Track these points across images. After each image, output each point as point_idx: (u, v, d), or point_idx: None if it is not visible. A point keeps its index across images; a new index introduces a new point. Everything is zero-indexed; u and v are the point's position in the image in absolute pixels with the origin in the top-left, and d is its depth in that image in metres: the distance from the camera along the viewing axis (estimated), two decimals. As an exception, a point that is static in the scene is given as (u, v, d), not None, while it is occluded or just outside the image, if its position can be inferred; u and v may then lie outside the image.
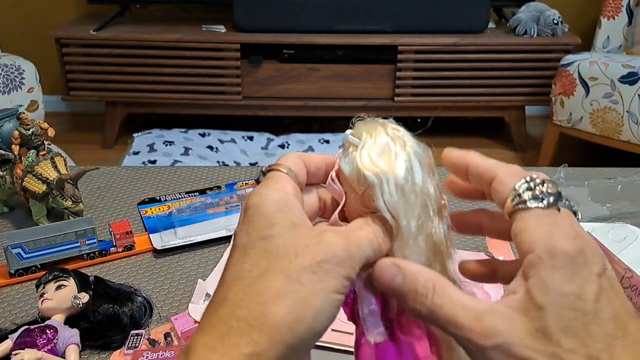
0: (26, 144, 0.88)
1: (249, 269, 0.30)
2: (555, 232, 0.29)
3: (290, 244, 0.30)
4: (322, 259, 0.29)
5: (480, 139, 2.96)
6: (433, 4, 2.67)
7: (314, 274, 0.29)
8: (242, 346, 0.27)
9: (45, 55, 2.93)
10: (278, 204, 0.32)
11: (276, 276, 0.29)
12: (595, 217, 0.90)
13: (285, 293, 0.28)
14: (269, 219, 0.31)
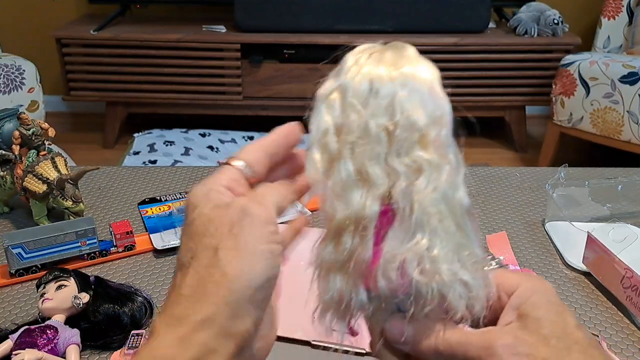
0: (27, 144, 0.88)
1: (183, 255, 0.33)
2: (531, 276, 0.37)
3: (208, 220, 0.33)
4: (237, 219, 0.32)
5: (480, 139, 2.96)
6: (433, 4, 2.67)
7: (235, 236, 0.32)
8: (192, 315, 0.31)
9: (46, 55, 2.93)
10: (203, 193, 0.34)
11: (205, 253, 0.32)
12: (595, 217, 0.90)
13: (214, 263, 0.31)
14: (193, 207, 0.34)
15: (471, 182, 1.13)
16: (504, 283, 0.36)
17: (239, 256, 0.31)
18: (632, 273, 0.70)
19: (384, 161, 0.32)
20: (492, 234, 0.86)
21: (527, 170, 1.11)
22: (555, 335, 0.33)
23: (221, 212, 0.33)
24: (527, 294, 0.35)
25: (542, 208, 0.97)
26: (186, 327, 0.30)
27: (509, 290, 0.36)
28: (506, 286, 0.36)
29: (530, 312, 0.34)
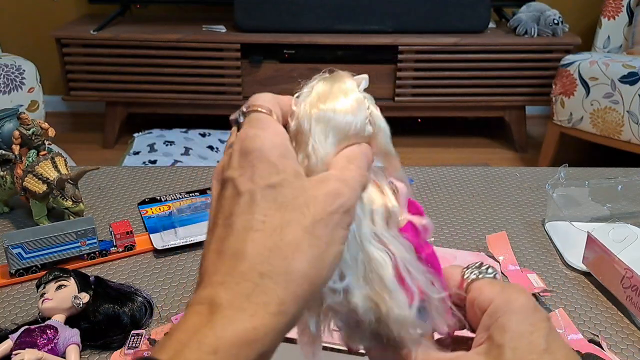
0: (27, 144, 0.88)
1: (262, 219, 0.29)
2: (507, 288, 0.34)
3: (298, 194, 0.29)
4: (332, 209, 0.29)
5: (480, 139, 2.96)
6: (433, 4, 2.67)
7: (327, 226, 0.29)
8: (270, 305, 0.27)
9: (46, 55, 2.93)
10: (280, 149, 0.30)
11: (292, 229, 0.28)
12: (595, 217, 0.90)
13: (304, 247, 0.28)
14: (275, 166, 0.30)
15: (471, 182, 1.14)
16: (478, 298, 0.35)
17: (326, 252, 0.29)
18: (632, 273, 0.70)
19: None
20: (492, 234, 0.86)
21: (527, 170, 1.11)
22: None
23: (312, 187, 0.30)
24: (497, 314, 0.33)
25: (542, 208, 0.97)
26: (261, 317, 0.27)
27: (482, 306, 0.34)
28: (480, 302, 0.34)
29: (495, 336, 0.32)
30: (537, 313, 0.33)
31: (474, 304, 0.35)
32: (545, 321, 0.33)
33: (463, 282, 0.36)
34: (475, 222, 0.93)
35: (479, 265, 0.37)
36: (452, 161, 2.70)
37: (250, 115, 0.32)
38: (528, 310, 0.33)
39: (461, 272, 0.37)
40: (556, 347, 0.32)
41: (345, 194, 0.30)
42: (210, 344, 0.26)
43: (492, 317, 0.33)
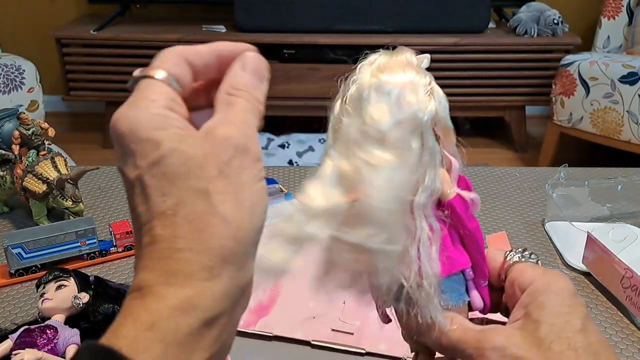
0: (26, 144, 0.88)
1: (161, 200, 0.27)
2: (549, 273, 0.36)
3: (186, 158, 0.27)
4: (226, 158, 0.28)
5: (480, 139, 2.96)
6: (433, 4, 2.67)
7: (227, 177, 0.27)
8: (197, 273, 0.26)
9: (46, 55, 2.93)
10: (153, 122, 0.28)
11: (193, 199, 0.27)
12: (595, 217, 0.90)
13: (211, 210, 0.27)
14: (152, 141, 0.27)
15: (471, 182, 1.13)
16: (519, 279, 0.36)
17: (237, 201, 0.27)
18: (632, 273, 0.70)
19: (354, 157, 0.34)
20: (492, 234, 0.86)
21: (527, 170, 1.11)
22: (550, 338, 0.32)
23: (201, 147, 0.28)
24: (536, 294, 0.34)
25: (542, 208, 0.97)
26: (192, 286, 0.26)
27: (522, 286, 0.35)
28: (520, 282, 0.36)
29: (533, 313, 0.33)
30: (575, 297, 0.34)
31: (514, 283, 0.36)
32: (583, 306, 0.34)
33: (505, 264, 0.38)
34: (475, 222, 0.92)
35: (522, 250, 0.39)
36: (452, 161, 2.69)
37: (138, 84, 0.30)
38: (567, 293, 0.34)
39: (504, 254, 0.38)
40: (591, 329, 0.33)
41: (235, 134, 0.28)
42: (146, 320, 0.25)
43: (531, 296, 0.34)
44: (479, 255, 0.37)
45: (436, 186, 0.35)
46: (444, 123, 0.36)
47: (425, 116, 0.34)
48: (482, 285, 0.38)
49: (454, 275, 0.37)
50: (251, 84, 0.31)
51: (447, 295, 0.36)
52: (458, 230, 0.37)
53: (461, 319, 0.36)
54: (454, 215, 0.36)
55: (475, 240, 0.37)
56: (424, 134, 0.35)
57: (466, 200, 0.36)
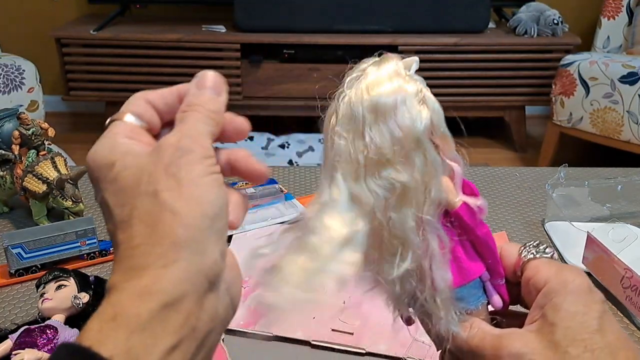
0: (26, 144, 0.88)
1: (119, 212, 0.29)
2: (564, 270, 0.35)
3: (137, 169, 0.30)
4: (171, 159, 0.29)
5: (480, 139, 2.96)
6: (433, 4, 2.67)
7: (173, 176, 0.29)
8: (154, 263, 0.27)
9: (46, 55, 2.93)
10: (110, 147, 0.31)
11: (144, 201, 0.29)
12: (595, 217, 0.90)
13: (161, 206, 0.28)
14: (108, 163, 0.30)
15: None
16: (534, 277, 0.36)
17: (184, 193, 0.29)
18: (632, 273, 0.70)
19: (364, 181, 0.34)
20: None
21: (527, 170, 1.11)
22: (566, 342, 0.32)
23: (149, 157, 0.30)
24: (551, 294, 0.34)
25: (541, 208, 0.97)
26: (149, 276, 0.27)
27: (537, 286, 0.35)
28: (535, 281, 0.36)
29: (549, 314, 0.33)
30: (591, 294, 0.34)
31: (530, 282, 0.36)
32: (600, 303, 0.34)
33: (520, 261, 0.38)
34: (475, 222, 0.92)
35: (536, 244, 0.38)
36: (452, 161, 2.69)
37: (109, 127, 0.33)
38: (582, 291, 0.34)
39: (518, 250, 0.38)
40: (608, 328, 0.33)
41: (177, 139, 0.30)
42: (109, 313, 0.27)
43: (546, 297, 0.34)
44: (493, 258, 0.37)
45: (442, 197, 0.35)
46: (441, 130, 0.35)
47: (422, 128, 0.34)
48: (500, 284, 0.38)
49: (471, 281, 0.37)
50: (206, 98, 0.33)
51: (465, 301, 0.36)
52: (469, 237, 0.37)
53: (479, 322, 0.36)
54: (462, 224, 0.36)
55: (487, 245, 0.37)
56: (424, 147, 0.34)
57: (473, 208, 0.36)
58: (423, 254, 0.34)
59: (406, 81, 0.35)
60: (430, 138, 0.35)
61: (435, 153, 0.35)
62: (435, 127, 0.35)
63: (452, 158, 0.37)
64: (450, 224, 0.36)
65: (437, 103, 0.35)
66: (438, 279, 0.35)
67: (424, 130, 0.34)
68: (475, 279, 0.37)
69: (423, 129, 0.34)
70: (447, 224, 0.36)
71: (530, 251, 0.37)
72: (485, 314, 0.38)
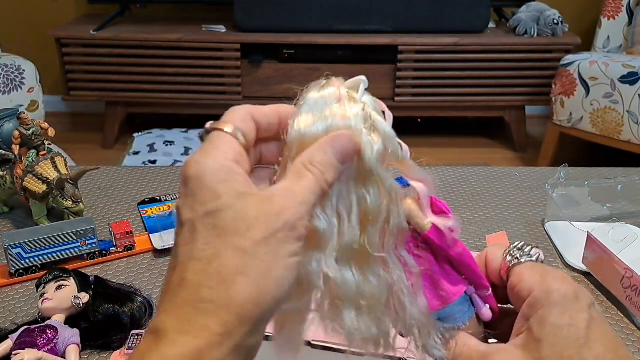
0: (26, 144, 0.88)
1: (202, 248, 0.29)
2: (548, 277, 0.34)
3: (239, 216, 0.29)
4: (274, 228, 0.29)
5: (480, 139, 2.96)
6: (433, 4, 2.67)
7: (269, 245, 0.29)
8: (212, 326, 0.27)
9: (46, 55, 2.93)
10: (220, 173, 0.30)
11: (232, 254, 0.28)
12: (595, 217, 0.90)
13: (244, 270, 0.28)
14: (213, 191, 0.29)
15: (471, 182, 1.13)
16: (518, 285, 0.35)
17: (270, 270, 0.29)
18: (632, 273, 0.70)
19: None
20: (491, 234, 0.86)
21: (527, 170, 1.11)
22: (554, 358, 0.31)
23: (254, 209, 0.29)
24: (536, 306, 0.33)
25: (541, 208, 0.97)
26: (205, 339, 0.27)
27: (522, 295, 0.34)
28: (520, 290, 0.35)
29: (534, 328, 0.32)
30: (577, 302, 0.33)
31: (515, 290, 0.35)
32: (586, 311, 0.32)
33: (505, 265, 0.36)
34: (475, 222, 0.93)
35: (521, 246, 0.36)
36: (452, 161, 2.70)
37: (209, 136, 0.32)
38: (568, 300, 0.33)
39: (503, 255, 0.37)
40: (597, 339, 0.32)
41: (290, 209, 0.30)
42: None
43: (531, 308, 0.33)
44: (473, 274, 0.36)
45: (403, 225, 0.33)
46: (396, 153, 0.33)
47: (374, 158, 0.32)
48: (486, 295, 0.37)
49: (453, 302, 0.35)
50: (328, 162, 0.32)
51: (452, 318, 0.35)
52: (444, 257, 0.35)
53: (465, 338, 0.35)
54: (434, 247, 0.35)
55: (464, 264, 0.35)
56: (378, 177, 0.32)
57: (442, 230, 0.34)
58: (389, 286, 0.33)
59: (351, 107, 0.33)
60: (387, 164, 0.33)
61: (391, 180, 0.33)
62: (389, 153, 0.33)
63: (416, 178, 0.34)
64: (423, 247, 0.35)
65: (388, 126, 0.33)
66: (411, 309, 0.33)
67: (376, 158, 0.32)
68: (455, 300, 0.35)
69: (375, 156, 0.32)
70: (419, 246, 0.34)
71: (515, 255, 0.36)
72: (475, 327, 0.36)
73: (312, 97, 0.34)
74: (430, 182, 0.34)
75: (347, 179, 0.32)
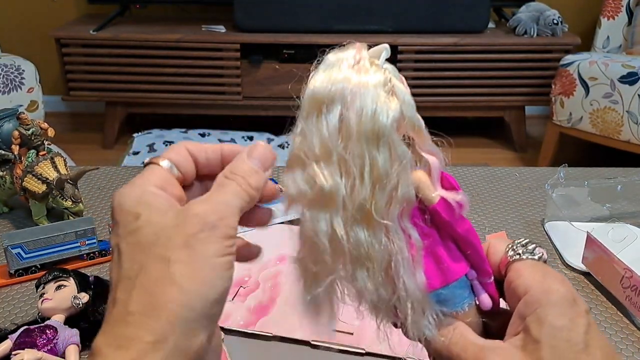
0: (26, 144, 0.88)
1: (128, 266, 0.30)
2: (548, 277, 0.33)
3: (158, 229, 0.30)
4: (192, 231, 0.30)
5: (480, 139, 2.96)
6: (433, 4, 2.67)
7: (190, 248, 0.29)
8: (143, 336, 0.28)
9: (45, 55, 2.93)
10: (139, 197, 0.31)
11: (156, 265, 0.29)
12: (595, 217, 0.90)
13: (169, 277, 0.29)
14: (133, 213, 0.31)
15: (471, 182, 1.13)
16: (516, 281, 0.34)
17: (195, 270, 0.29)
18: (632, 273, 0.70)
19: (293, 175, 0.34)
20: (491, 234, 0.86)
21: (527, 170, 1.11)
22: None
23: (174, 220, 0.30)
24: (534, 305, 0.32)
25: (541, 208, 0.97)
26: (136, 349, 0.28)
27: (519, 292, 0.34)
28: (517, 286, 0.34)
29: (532, 328, 0.32)
30: (575, 306, 0.32)
31: (511, 286, 0.34)
32: (584, 316, 0.32)
33: (506, 259, 0.35)
34: (475, 222, 0.93)
35: (525, 243, 0.36)
36: (452, 161, 2.67)
37: (145, 169, 0.33)
38: (567, 302, 0.32)
39: (505, 249, 0.36)
40: (595, 345, 0.31)
41: (208, 210, 0.30)
42: None
43: (529, 307, 0.32)
44: (477, 256, 0.35)
45: (410, 195, 0.33)
46: (413, 122, 0.33)
47: (387, 121, 0.31)
48: (487, 282, 0.36)
49: (454, 282, 0.34)
50: (249, 169, 0.33)
51: (449, 302, 0.35)
52: (449, 234, 0.34)
53: (463, 328, 0.35)
54: (440, 221, 0.34)
55: (469, 242, 0.35)
56: (390, 141, 0.32)
57: (451, 203, 0.33)
58: (389, 256, 0.32)
59: (371, 70, 0.32)
60: (403, 131, 0.33)
61: (403, 147, 0.32)
62: (406, 119, 0.32)
63: (429, 151, 0.34)
64: (430, 221, 0.34)
65: (408, 94, 0.33)
66: (408, 282, 0.33)
67: (391, 123, 0.31)
68: (457, 279, 0.35)
69: (389, 121, 0.31)
70: (425, 221, 0.34)
71: (517, 251, 0.35)
72: (473, 315, 0.36)
73: (331, 57, 0.34)
74: (442, 157, 0.34)
75: (360, 137, 0.31)
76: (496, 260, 0.36)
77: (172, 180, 0.33)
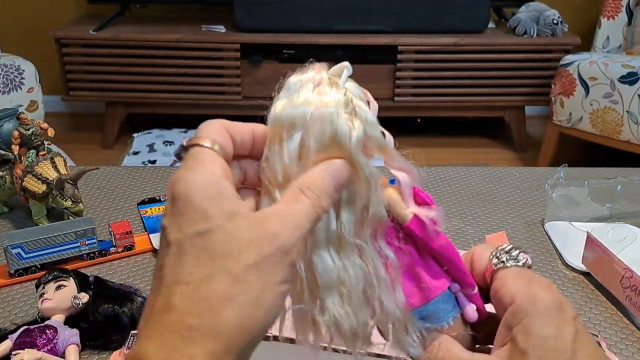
0: (26, 144, 0.88)
1: (190, 271, 0.27)
2: (533, 284, 0.33)
3: (231, 238, 0.28)
4: (267, 253, 0.28)
5: (480, 139, 2.96)
6: (433, 4, 2.67)
7: (260, 270, 0.28)
8: (199, 356, 0.26)
9: (45, 55, 2.92)
10: (209, 190, 0.29)
11: (222, 279, 0.27)
12: (595, 217, 0.90)
13: (234, 296, 0.27)
14: (203, 211, 0.28)
15: (471, 182, 1.13)
16: (501, 290, 0.33)
17: (259, 297, 0.28)
18: (632, 273, 0.70)
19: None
20: (491, 234, 0.86)
21: (527, 170, 1.11)
22: None
23: (246, 231, 0.28)
24: (520, 315, 0.32)
25: (541, 208, 0.97)
26: None
27: (505, 302, 0.33)
28: (502, 295, 0.33)
29: (519, 339, 0.31)
30: (562, 314, 0.32)
31: (497, 295, 0.34)
32: (571, 323, 0.32)
33: (490, 267, 0.35)
34: (474, 222, 0.93)
35: (508, 249, 0.35)
36: (452, 161, 2.70)
37: (189, 151, 0.31)
38: (553, 311, 0.31)
39: (489, 257, 0.35)
40: (582, 353, 0.31)
41: (284, 233, 0.28)
42: None
43: (515, 317, 0.32)
44: (457, 270, 0.34)
45: (382, 214, 0.32)
46: (377, 141, 0.32)
47: (353, 143, 0.31)
48: (472, 294, 0.35)
49: (434, 298, 0.34)
50: (325, 189, 0.31)
51: (434, 317, 0.34)
52: (426, 250, 0.34)
53: (449, 342, 0.34)
54: (415, 239, 0.33)
55: (446, 257, 0.34)
56: (356, 162, 0.31)
57: (424, 221, 0.33)
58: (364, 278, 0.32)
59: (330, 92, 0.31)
60: (371, 151, 0.32)
61: (371, 167, 0.32)
62: (370, 139, 0.32)
63: (399, 167, 0.33)
64: (405, 239, 0.33)
65: (370, 114, 0.32)
66: (386, 302, 0.32)
67: (356, 145, 0.31)
68: (437, 295, 0.34)
69: (355, 143, 0.31)
70: (400, 239, 0.33)
71: (501, 258, 0.34)
72: (459, 327, 0.35)
73: (291, 80, 0.33)
74: (415, 172, 0.33)
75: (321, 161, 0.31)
76: (481, 269, 0.36)
77: (227, 167, 0.31)
